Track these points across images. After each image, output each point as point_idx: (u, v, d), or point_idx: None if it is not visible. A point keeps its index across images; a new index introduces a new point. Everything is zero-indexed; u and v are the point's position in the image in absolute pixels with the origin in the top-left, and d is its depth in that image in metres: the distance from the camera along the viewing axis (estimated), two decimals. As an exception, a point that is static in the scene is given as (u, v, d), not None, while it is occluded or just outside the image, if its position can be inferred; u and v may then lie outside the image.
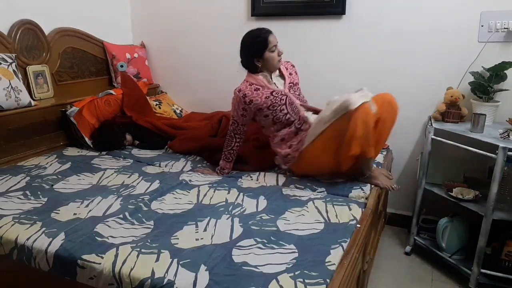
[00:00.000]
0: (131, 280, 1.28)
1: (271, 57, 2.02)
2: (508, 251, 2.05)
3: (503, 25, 2.22)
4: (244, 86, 2.04)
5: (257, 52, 2.00)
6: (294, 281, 1.23)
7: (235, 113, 2.07)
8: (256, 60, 2.02)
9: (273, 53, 2.01)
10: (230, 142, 2.11)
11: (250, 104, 2.01)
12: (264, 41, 1.98)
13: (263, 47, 1.99)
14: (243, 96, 2.02)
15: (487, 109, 2.20)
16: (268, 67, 2.06)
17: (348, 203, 1.76)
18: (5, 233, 1.53)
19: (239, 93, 2.03)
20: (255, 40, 2.00)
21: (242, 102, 2.02)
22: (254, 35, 2.01)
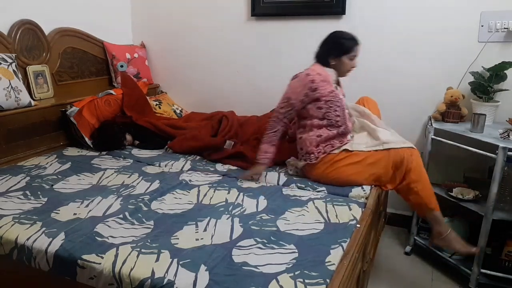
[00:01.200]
0: (131, 280, 1.28)
1: (346, 63, 2.00)
2: (508, 251, 2.05)
3: (503, 25, 2.22)
4: (314, 72, 1.99)
5: (339, 51, 1.99)
6: (294, 281, 1.23)
7: (294, 96, 1.98)
8: (332, 58, 2.00)
9: (350, 61, 2.00)
10: (276, 124, 2.01)
11: (315, 91, 1.96)
12: (350, 46, 1.97)
13: (346, 50, 1.98)
14: (311, 80, 1.95)
15: (487, 109, 2.20)
16: (337, 70, 2.04)
17: (348, 203, 1.76)
18: (5, 233, 1.52)
19: (307, 76, 1.97)
20: (344, 40, 1.98)
21: (307, 87, 1.95)
22: (345, 36, 1.99)
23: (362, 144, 1.96)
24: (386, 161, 1.86)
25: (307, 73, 1.97)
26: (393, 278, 2.19)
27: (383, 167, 1.87)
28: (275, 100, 2.88)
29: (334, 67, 2.03)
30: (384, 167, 1.87)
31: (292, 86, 2.00)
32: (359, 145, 1.96)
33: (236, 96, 3.05)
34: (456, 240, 1.90)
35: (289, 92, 2.00)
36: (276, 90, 2.90)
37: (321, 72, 1.99)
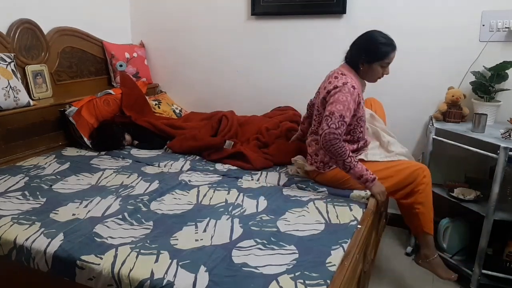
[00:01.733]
0: (130, 281, 1.27)
1: (376, 71, 1.84)
2: (509, 252, 2.04)
3: (504, 24, 2.21)
4: (349, 79, 1.80)
5: (372, 57, 1.81)
6: (295, 282, 1.22)
7: (348, 113, 1.76)
8: (362, 62, 1.83)
9: (381, 68, 1.84)
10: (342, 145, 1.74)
11: (359, 106, 1.81)
12: (385, 53, 1.80)
13: (380, 56, 1.81)
14: (353, 87, 1.77)
15: (488, 109, 2.19)
16: (365, 76, 1.89)
17: (349, 203, 1.75)
18: (3, 234, 1.52)
19: (354, 90, 1.77)
20: (380, 45, 1.80)
21: (356, 101, 1.78)
22: (382, 41, 1.80)
23: (377, 155, 1.92)
24: (399, 176, 1.83)
25: (344, 82, 1.78)
26: (394, 279, 2.18)
27: (395, 182, 1.84)
28: (275, 100, 2.91)
29: (363, 73, 1.87)
30: (396, 182, 1.84)
31: (342, 101, 1.75)
32: (374, 155, 1.92)
33: (236, 95, 3.04)
34: (440, 265, 1.91)
35: (341, 109, 1.75)
36: (276, 89, 2.92)
37: (356, 83, 1.82)
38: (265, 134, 2.45)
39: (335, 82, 1.81)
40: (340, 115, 1.74)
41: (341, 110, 1.74)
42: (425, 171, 1.83)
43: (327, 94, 1.82)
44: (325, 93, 1.84)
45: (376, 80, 1.91)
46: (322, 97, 1.87)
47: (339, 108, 1.74)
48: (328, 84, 1.85)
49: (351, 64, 1.88)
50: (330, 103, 1.78)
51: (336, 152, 1.74)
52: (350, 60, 1.89)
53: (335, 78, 1.83)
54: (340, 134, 1.74)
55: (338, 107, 1.75)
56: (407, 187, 1.84)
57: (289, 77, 2.86)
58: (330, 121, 1.74)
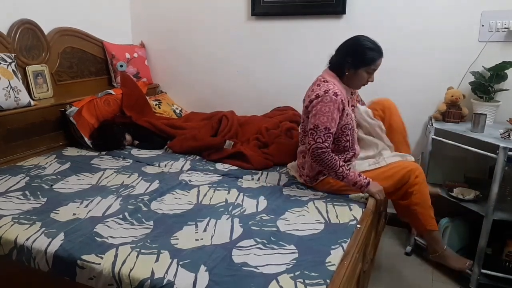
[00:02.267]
0: (131, 281, 1.27)
1: (361, 77, 1.80)
2: (508, 252, 2.05)
3: (503, 24, 2.22)
4: (332, 86, 1.75)
5: (357, 62, 1.77)
6: (294, 281, 1.22)
7: (333, 124, 1.73)
8: (348, 67, 1.79)
9: (367, 75, 1.80)
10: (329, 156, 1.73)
11: (343, 112, 1.76)
12: (371, 59, 1.76)
13: (365, 62, 1.76)
14: (334, 94, 1.72)
15: (487, 109, 2.19)
16: (350, 83, 1.84)
17: (348, 203, 1.75)
18: (4, 233, 1.52)
19: (336, 97, 1.72)
20: (367, 50, 1.76)
21: (337, 103, 1.72)
22: (369, 47, 1.77)
23: (365, 163, 1.90)
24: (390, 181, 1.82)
25: (325, 90, 1.74)
26: (394, 279, 2.19)
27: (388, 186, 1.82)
28: (275, 100, 2.92)
29: (347, 78, 1.82)
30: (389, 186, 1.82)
31: (325, 112, 1.72)
32: (361, 165, 1.89)
33: (236, 95, 3.05)
34: (451, 256, 1.91)
35: (325, 121, 1.72)
36: (276, 90, 2.92)
37: (336, 84, 1.78)
38: (265, 134, 2.45)
39: (317, 91, 1.77)
40: (325, 127, 1.72)
41: (325, 123, 1.72)
42: (417, 171, 1.80)
43: (310, 103, 1.79)
44: (308, 103, 1.81)
45: (360, 87, 1.88)
46: (305, 106, 1.84)
47: (323, 121, 1.72)
48: (311, 93, 1.82)
49: (335, 69, 1.83)
50: (313, 115, 1.75)
51: (326, 165, 1.74)
52: (334, 65, 1.84)
53: (318, 85, 1.80)
54: (327, 147, 1.73)
55: (322, 119, 1.72)
56: (401, 189, 1.84)
57: (289, 77, 2.86)
58: (316, 135, 1.73)
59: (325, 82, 1.79)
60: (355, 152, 1.92)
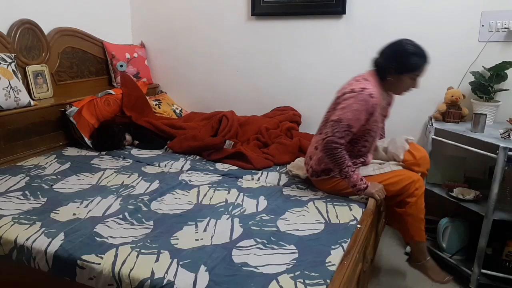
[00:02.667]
0: (131, 281, 1.27)
1: (405, 83, 1.73)
2: (508, 251, 2.04)
3: (503, 24, 2.22)
4: (370, 86, 1.68)
5: (402, 68, 1.69)
6: (294, 281, 1.22)
7: (357, 124, 1.67)
8: (392, 72, 1.71)
9: (411, 81, 1.73)
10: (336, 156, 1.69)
11: (371, 116, 1.70)
12: (418, 65, 1.69)
13: (411, 68, 1.69)
14: (373, 105, 1.66)
15: (487, 109, 2.19)
16: (392, 88, 1.78)
17: (348, 203, 1.75)
18: (4, 233, 1.52)
19: (371, 99, 1.65)
20: (413, 57, 1.68)
21: (369, 104, 1.65)
22: (416, 52, 1.69)
23: (369, 167, 1.87)
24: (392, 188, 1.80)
25: (362, 87, 1.66)
26: (394, 279, 2.19)
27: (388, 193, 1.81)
28: (274, 100, 2.92)
29: (390, 84, 1.74)
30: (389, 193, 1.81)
31: (353, 110, 1.65)
32: (366, 169, 1.86)
33: (236, 96, 3.05)
34: (432, 268, 1.92)
35: (350, 118, 1.66)
36: (275, 90, 2.92)
37: (377, 94, 1.70)
38: (265, 134, 2.46)
39: (354, 85, 1.71)
40: (347, 124, 1.66)
41: (349, 120, 1.66)
42: (418, 183, 1.79)
43: (342, 95, 1.73)
44: (341, 94, 1.75)
45: (402, 93, 1.81)
46: (337, 96, 1.78)
47: (348, 117, 1.66)
48: (347, 85, 1.76)
49: (378, 72, 1.75)
50: (341, 107, 1.69)
51: (335, 161, 1.71)
52: (378, 68, 1.75)
53: (357, 81, 1.74)
54: (342, 144, 1.68)
55: (348, 115, 1.66)
56: (399, 197, 1.83)
57: (289, 77, 2.86)
58: (336, 129, 1.67)
59: (365, 81, 1.72)
60: (366, 160, 1.88)
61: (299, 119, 2.77)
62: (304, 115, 2.80)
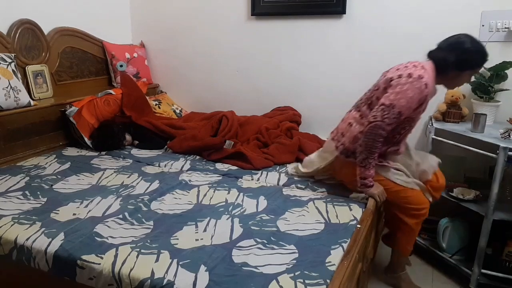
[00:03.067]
0: (131, 281, 1.27)
1: (463, 79, 1.71)
2: (508, 251, 2.04)
3: (503, 24, 2.22)
4: (427, 76, 1.62)
5: (465, 65, 1.66)
6: (294, 281, 1.22)
7: (408, 111, 1.63)
8: (454, 67, 1.66)
9: (468, 77, 1.72)
10: (375, 142, 1.65)
11: (421, 106, 1.67)
12: (480, 63, 1.68)
13: (474, 66, 1.68)
14: (425, 85, 1.60)
15: (487, 109, 2.19)
16: (448, 82, 1.75)
17: (348, 203, 1.75)
18: (4, 233, 1.52)
19: (425, 88, 1.61)
20: (477, 55, 1.66)
21: (423, 93, 1.61)
22: (479, 50, 1.66)
23: (397, 175, 1.82)
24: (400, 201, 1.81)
25: (420, 75, 1.61)
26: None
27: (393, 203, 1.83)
28: (274, 100, 2.92)
29: (448, 78, 1.70)
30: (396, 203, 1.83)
31: (408, 97, 1.60)
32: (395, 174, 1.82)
33: (236, 96, 3.05)
34: (407, 282, 1.98)
35: (403, 105, 1.61)
36: (275, 89, 2.92)
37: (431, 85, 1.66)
38: (265, 134, 2.46)
39: (411, 70, 1.64)
40: (399, 111, 1.61)
41: (402, 107, 1.61)
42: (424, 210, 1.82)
43: (398, 77, 1.65)
44: (396, 76, 1.66)
45: (455, 88, 1.80)
46: (390, 77, 1.69)
47: (401, 103, 1.60)
48: (403, 68, 1.69)
49: (438, 66, 1.69)
50: (395, 91, 1.62)
51: (370, 146, 1.65)
52: (437, 62, 1.69)
53: (414, 66, 1.67)
54: (388, 131, 1.64)
55: (402, 102, 1.60)
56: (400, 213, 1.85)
57: (289, 77, 2.86)
58: (386, 114, 1.61)
59: (423, 69, 1.65)
60: (398, 150, 1.83)
61: (299, 119, 2.77)
62: (304, 115, 2.80)
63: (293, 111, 2.78)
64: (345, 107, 2.71)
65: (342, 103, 2.75)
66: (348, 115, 1.89)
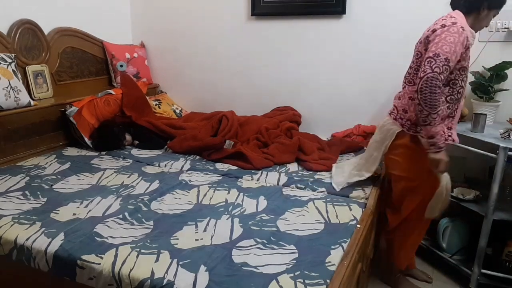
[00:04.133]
0: (131, 281, 1.27)
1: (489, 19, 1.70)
2: (508, 251, 2.04)
3: (503, 24, 2.22)
4: (460, 20, 1.61)
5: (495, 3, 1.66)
6: (294, 281, 1.22)
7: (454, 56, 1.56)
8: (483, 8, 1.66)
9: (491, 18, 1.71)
10: (438, 95, 1.57)
11: (467, 51, 1.62)
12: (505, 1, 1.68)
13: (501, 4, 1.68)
14: (467, 37, 1.60)
15: (487, 109, 2.19)
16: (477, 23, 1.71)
17: (348, 203, 1.75)
18: (4, 233, 1.52)
19: (463, 31, 1.58)
20: None
21: (464, 44, 1.58)
22: None
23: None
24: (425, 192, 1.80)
25: (462, 26, 1.58)
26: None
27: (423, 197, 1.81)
28: (275, 100, 2.92)
29: (479, 19, 1.69)
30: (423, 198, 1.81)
31: (449, 42, 1.55)
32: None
33: (236, 95, 3.05)
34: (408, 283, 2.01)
35: (447, 51, 1.55)
36: (276, 89, 2.92)
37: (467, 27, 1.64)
38: (265, 134, 2.46)
39: (443, 22, 1.64)
40: (445, 58, 1.54)
41: (447, 53, 1.55)
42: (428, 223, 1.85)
43: (432, 33, 1.64)
44: (430, 32, 1.66)
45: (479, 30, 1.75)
46: (425, 36, 1.68)
47: (445, 50, 1.55)
48: (434, 25, 1.68)
49: (466, 9, 1.68)
50: (435, 42, 1.59)
51: (431, 101, 1.57)
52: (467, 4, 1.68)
53: (443, 19, 1.66)
54: (442, 80, 1.57)
55: (445, 48, 1.55)
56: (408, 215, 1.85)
57: (288, 77, 2.86)
58: (434, 64, 1.55)
59: (453, 17, 1.65)
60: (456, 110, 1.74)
61: (299, 119, 2.77)
62: (304, 115, 2.80)
63: (293, 111, 2.78)
64: (345, 107, 2.74)
65: (342, 103, 2.77)
66: (404, 92, 1.84)
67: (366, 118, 2.67)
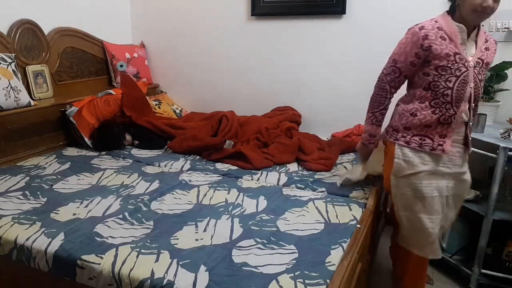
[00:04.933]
0: (131, 281, 1.27)
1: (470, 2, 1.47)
2: (508, 251, 2.05)
3: (503, 24, 2.22)
4: (430, 25, 1.52)
5: None
6: (294, 281, 1.23)
7: (402, 57, 1.55)
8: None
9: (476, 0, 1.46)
10: (382, 98, 1.62)
11: (427, 50, 1.50)
12: None
13: None
14: (424, 36, 1.50)
15: (487, 109, 2.19)
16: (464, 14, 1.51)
17: (348, 203, 1.75)
18: (4, 233, 1.52)
19: (419, 30, 1.52)
20: None
21: (418, 44, 1.51)
22: None
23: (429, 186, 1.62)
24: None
25: (420, 26, 1.53)
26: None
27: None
28: (274, 100, 2.92)
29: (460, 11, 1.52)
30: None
31: (400, 44, 1.58)
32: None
33: (236, 95, 3.05)
34: None
35: (396, 52, 1.58)
36: (276, 89, 2.92)
37: (441, 23, 1.53)
38: (265, 134, 2.46)
39: None
40: (393, 59, 1.59)
41: (395, 54, 1.59)
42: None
43: None
44: None
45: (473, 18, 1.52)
46: None
47: (394, 51, 1.60)
48: None
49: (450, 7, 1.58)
50: None
51: (372, 99, 1.67)
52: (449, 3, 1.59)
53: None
54: (386, 81, 1.61)
55: (395, 50, 1.60)
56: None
57: (289, 77, 2.86)
58: (385, 65, 1.64)
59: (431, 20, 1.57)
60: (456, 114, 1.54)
61: (299, 119, 2.77)
62: (304, 115, 2.81)
63: (293, 111, 2.78)
64: (345, 107, 2.74)
65: (342, 103, 2.77)
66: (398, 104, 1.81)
67: (366, 118, 2.67)
